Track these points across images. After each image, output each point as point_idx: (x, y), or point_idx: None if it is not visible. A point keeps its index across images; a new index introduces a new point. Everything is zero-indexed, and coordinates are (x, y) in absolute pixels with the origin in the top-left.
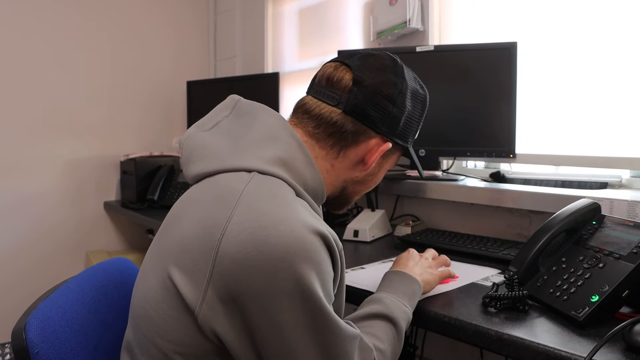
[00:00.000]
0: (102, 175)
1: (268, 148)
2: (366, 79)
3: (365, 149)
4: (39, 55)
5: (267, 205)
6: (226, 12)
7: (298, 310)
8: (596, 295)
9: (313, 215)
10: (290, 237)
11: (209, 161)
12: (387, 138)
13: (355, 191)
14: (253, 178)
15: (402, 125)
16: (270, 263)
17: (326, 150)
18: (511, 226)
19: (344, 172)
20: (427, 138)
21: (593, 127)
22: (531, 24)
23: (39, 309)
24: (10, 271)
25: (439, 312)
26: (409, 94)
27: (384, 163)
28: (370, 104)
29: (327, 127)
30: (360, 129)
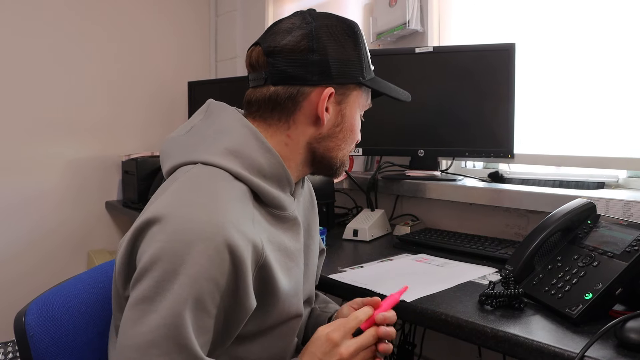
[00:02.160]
0: (103, 175)
1: (219, 141)
2: (276, 45)
3: (310, 106)
4: (41, 56)
5: (185, 192)
6: (227, 13)
7: (155, 290)
8: (590, 293)
9: (240, 211)
10: (187, 230)
11: (172, 158)
12: (325, 85)
13: (328, 147)
14: (192, 169)
15: (335, 65)
16: (160, 246)
17: (276, 126)
18: (509, 225)
19: (303, 136)
20: (426, 138)
21: (590, 127)
22: (529, 25)
23: (43, 296)
24: (13, 270)
25: (436, 310)
26: (325, 34)
27: (344, 108)
28: (288, 64)
29: (266, 105)
30: (293, 90)
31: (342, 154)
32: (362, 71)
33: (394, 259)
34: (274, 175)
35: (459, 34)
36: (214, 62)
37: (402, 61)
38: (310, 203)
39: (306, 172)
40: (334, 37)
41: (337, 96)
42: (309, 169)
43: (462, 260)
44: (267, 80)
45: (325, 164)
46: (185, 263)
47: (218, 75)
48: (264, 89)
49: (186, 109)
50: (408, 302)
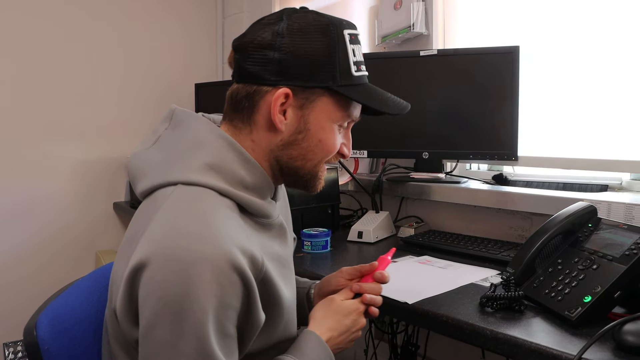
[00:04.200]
0: (111, 177)
1: (195, 156)
2: (242, 41)
3: (267, 107)
4: (50, 58)
5: (176, 221)
6: (234, 15)
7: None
8: (589, 296)
9: (235, 228)
10: (190, 264)
11: (147, 179)
12: (282, 85)
13: (292, 156)
14: (174, 191)
15: (296, 65)
16: (166, 287)
17: (240, 128)
18: (513, 228)
19: (265, 141)
20: (430, 141)
21: (594, 130)
22: (533, 28)
23: (50, 308)
24: (22, 271)
25: (437, 312)
26: (292, 32)
27: (307, 114)
28: (247, 61)
29: (230, 103)
30: (250, 89)
31: (310, 165)
32: (335, 75)
33: (397, 261)
34: (256, 185)
35: (463, 37)
36: (221, 64)
37: (406, 64)
38: (284, 202)
39: (279, 182)
40: (302, 36)
41: (298, 99)
42: (280, 179)
43: (465, 262)
44: (233, 77)
45: (292, 175)
46: (197, 299)
47: (225, 77)
48: (231, 86)
49: (194, 111)
50: (410, 304)
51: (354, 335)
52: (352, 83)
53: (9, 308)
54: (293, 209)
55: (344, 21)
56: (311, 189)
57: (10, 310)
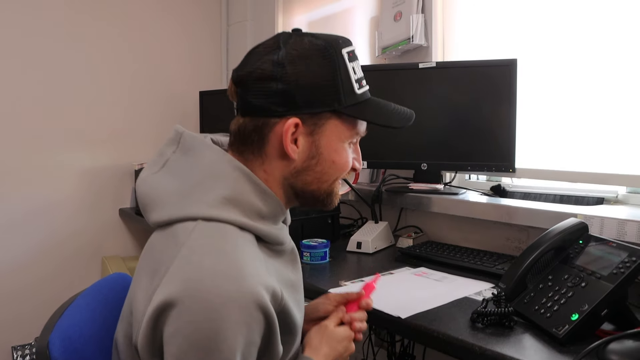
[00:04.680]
0: (117, 183)
1: (212, 189)
2: (242, 74)
3: (278, 139)
4: (57, 67)
5: (201, 261)
6: (238, 23)
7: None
8: (576, 313)
9: (257, 264)
10: (218, 305)
11: (162, 210)
12: (290, 115)
13: (306, 181)
14: (195, 228)
15: (301, 93)
16: (195, 328)
17: (252, 160)
18: (510, 239)
19: (279, 171)
20: (429, 152)
21: (591, 143)
22: (531, 41)
23: (59, 327)
24: (29, 276)
25: (428, 326)
26: (291, 60)
27: (318, 139)
28: (251, 94)
29: (237, 138)
30: (258, 122)
31: (326, 185)
32: (339, 97)
33: (394, 272)
34: (271, 214)
35: (462, 49)
36: (225, 71)
37: (406, 76)
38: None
39: (293, 204)
40: (303, 63)
41: (307, 126)
42: (295, 202)
43: (460, 274)
44: (238, 110)
45: (309, 197)
46: (226, 339)
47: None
48: (236, 119)
49: (198, 118)
50: (403, 319)
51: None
52: (356, 101)
53: (17, 312)
54: (293, 219)
55: (339, 39)
56: (328, 206)
57: (18, 314)
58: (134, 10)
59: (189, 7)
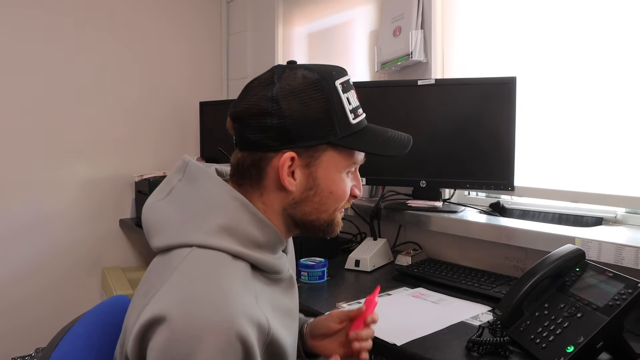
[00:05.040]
0: (118, 194)
1: (210, 217)
2: (238, 110)
3: (274, 172)
4: (58, 79)
5: (188, 284)
6: (238, 33)
7: None
8: (571, 346)
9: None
10: (196, 326)
11: (162, 236)
12: (286, 150)
13: (305, 212)
14: (189, 254)
15: (295, 127)
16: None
17: (251, 192)
18: (508, 258)
19: (277, 202)
20: (428, 170)
21: (590, 163)
22: (531, 58)
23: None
24: (30, 287)
25: (424, 355)
26: (285, 94)
27: (315, 171)
28: (247, 130)
29: (236, 171)
30: (255, 157)
31: (326, 215)
32: (334, 129)
33: (391, 293)
34: (268, 243)
35: (462, 65)
36: (225, 82)
37: (404, 93)
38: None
39: (294, 233)
40: (296, 97)
41: (303, 159)
42: (295, 231)
43: (458, 296)
44: (236, 145)
45: (309, 227)
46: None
47: (230, 93)
48: (235, 153)
49: (198, 129)
50: (399, 346)
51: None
52: (352, 132)
53: (18, 322)
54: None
55: (333, 71)
56: (330, 234)
57: (19, 325)
58: (134, 21)
59: (190, 18)
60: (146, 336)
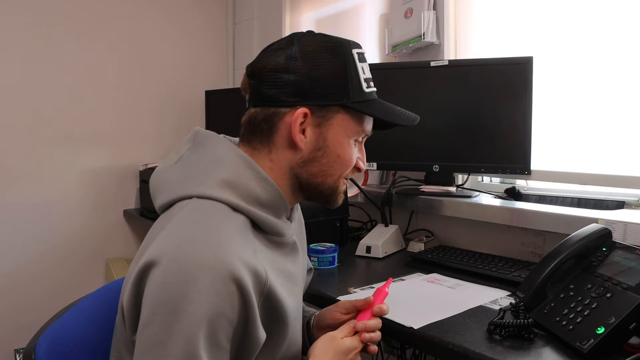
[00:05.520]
0: (122, 184)
1: (213, 173)
2: (256, 67)
3: (286, 128)
4: (60, 67)
5: (185, 228)
6: (244, 22)
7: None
8: (602, 327)
9: (242, 243)
10: (191, 267)
11: (165, 193)
12: (299, 106)
13: (312, 172)
14: (188, 204)
15: (311, 85)
16: (165, 287)
17: (259, 149)
18: (525, 244)
19: (285, 160)
20: (441, 153)
21: (610, 145)
22: (548, 38)
23: (50, 330)
24: (33, 279)
25: (443, 338)
26: (305, 54)
27: (325, 131)
28: (263, 85)
29: (249, 127)
30: (268, 112)
31: (331, 180)
32: (348, 92)
33: (405, 278)
34: (270, 203)
35: (475, 46)
36: (231, 71)
37: (417, 74)
38: (300, 227)
39: (299, 198)
40: (315, 57)
41: (316, 118)
42: (300, 195)
43: (474, 281)
44: (250, 102)
45: (314, 190)
46: (193, 301)
47: (235, 82)
48: (247, 111)
49: (204, 118)
50: (416, 329)
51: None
52: (364, 99)
53: (20, 314)
54: None
55: (350, 41)
56: (332, 203)
57: (21, 317)
58: (138, 9)
59: (195, 6)
60: (142, 283)
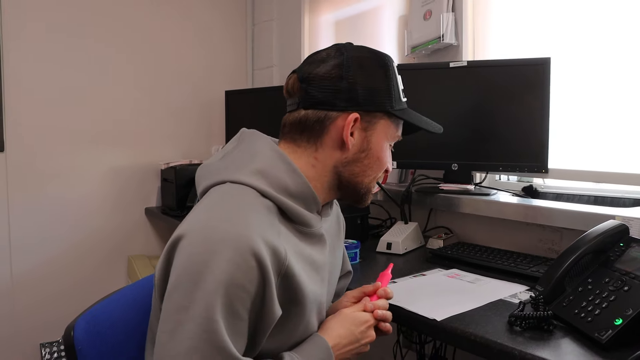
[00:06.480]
0: (143, 183)
1: (248, 163)
2: (309, 73)
3: (337, 130)
4: (84, 69)
5: (213, 207)
6: (263, 23)
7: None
8: (620, 318)
9: (266, 223)
10: (214, 241)
11: (205, 181)
12: (351, 111)
13: (354, 172)
14: (221, 187)
15: (362, 92)
16: (191, 258)
17: (304, 147)
18: (542, 241)
19: (330, 159)
20: (460, 152)
21: (627, 143)
22: (566, 39)
23: (90, 312)
24: (56, 274)
25: (465, 329)
26: (356, 63)
27: (370, 135)
28: (318, 90)
29: (297, 127)
30: (321, 114)
31: (368, 180)
32: (391, 101)
33: (426, 274)
34: (299, 194)
35: (493, 48)
36: (250, 71)
37: (436, 75)
38: (337, 226)
39: (333, 195)
40: (364, 67)
41: (363, 122)
42: (336, 193)
43: (493, 276)
44: (300, 104)
45: (351, 189)
46: (213, 272)
47: (255, 83)
48: (296, 113)
49: (223, 118)
50: (438, 321)
51: (362, 348)
52: (402, 107)
53: (45, 310)
54: None
55: (388, 55)
56: (364, 202)
57: (46, 313)
58: (160, 13)
59: (214, 8)
60: (171, 255)
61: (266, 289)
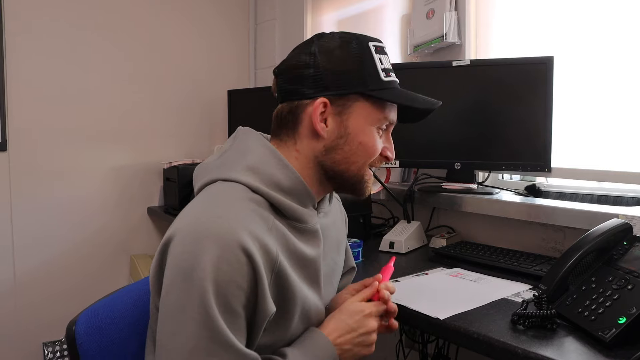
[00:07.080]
0: (146, 182)
1: (239, 160)
2: (280, 66)
3: (308, 118)
4: (86, 68)
5: (202, 205)
6: (266, 22)
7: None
8: (623, 317)
9: (255, 219)
10: (203, 238)
11: (200, 180)
12: (319, 96)
13: (335, 160)
14: (212, 185)
15: (329, 76)
16: (182, 257)
17: (285, 141)
18: (545, 240)
19: (310, 150)
20: (463, 151)
21: (630, 142)
22: (568, 37)
23: (92, 308)
24: (58, 273)
25: (468, 328)
26: (323, 50)
27: (346, 120)
28: (287, 81)
29: (277, 122)
30: (292, 105)
31: (355, 167)
32: (364, 80)
33: (429, 273)
34: (292, 189)
35: (496, 47)
36: (253, 71)
37: (439, 74)
38: (341, 220)
39: (325, 188)
40: (331, 52)
41: (336, 107)
42: (327, 185)
43: (496, 275)
44: (277, 99)
45: (339, 178)
46: (204, 269)
47: (257, 83)
48: (276, 108)
49: (226, 117)
50: (442, 320)
51: (362, 338)
52: (382, 87)
53: (47, 309)
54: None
55: (367, 36)
56: (359, 192)
57: (48, 312)
58: (162, 13)
59: (217, 7)
60: (164, 256)
61: (258, 284)
